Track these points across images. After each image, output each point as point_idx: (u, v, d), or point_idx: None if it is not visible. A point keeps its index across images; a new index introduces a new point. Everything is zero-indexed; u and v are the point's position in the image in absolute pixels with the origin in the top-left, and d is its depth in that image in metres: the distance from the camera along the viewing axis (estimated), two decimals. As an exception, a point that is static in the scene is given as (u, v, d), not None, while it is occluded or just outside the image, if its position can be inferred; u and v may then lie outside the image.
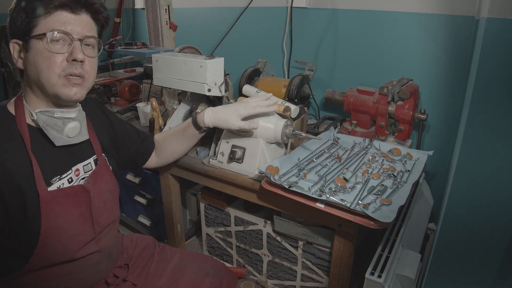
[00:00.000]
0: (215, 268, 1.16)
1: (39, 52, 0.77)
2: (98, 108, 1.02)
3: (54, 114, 0.82)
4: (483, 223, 1.23)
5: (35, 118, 0.80)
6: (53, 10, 0.77)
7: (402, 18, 1.49)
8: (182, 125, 1.17)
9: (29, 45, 0.78)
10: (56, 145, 0.82)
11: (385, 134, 1.43)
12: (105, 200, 0.92)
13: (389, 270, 0.98)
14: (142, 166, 1.19)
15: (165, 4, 1.93)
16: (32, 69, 0.79)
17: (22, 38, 0.78)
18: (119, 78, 2.11)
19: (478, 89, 1.11)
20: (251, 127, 1.07)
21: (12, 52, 0.80)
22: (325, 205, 0.93)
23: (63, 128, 0.83)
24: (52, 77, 0.78)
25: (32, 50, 0.78)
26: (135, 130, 1.15)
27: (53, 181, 0.82)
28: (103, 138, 0.99)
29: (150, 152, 1.18)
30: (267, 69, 1.79)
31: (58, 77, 0.79)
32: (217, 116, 1.09)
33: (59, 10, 0.77)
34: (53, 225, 0.79)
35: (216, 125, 1.11)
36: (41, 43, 0.77)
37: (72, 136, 0.85)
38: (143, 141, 1.16)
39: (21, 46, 0.79)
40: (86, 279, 0.93)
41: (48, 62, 0.77)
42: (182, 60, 1.21)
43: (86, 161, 0.91)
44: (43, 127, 0.81)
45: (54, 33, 0.77)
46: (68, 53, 0.79)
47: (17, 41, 0.79)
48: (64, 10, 0.78)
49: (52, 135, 0.82)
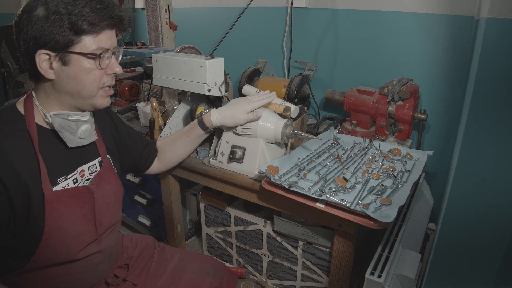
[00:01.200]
0: (215, 268, 1.17)
1: (83, 68, 0.78)
2: (103, 110, 1.03)
3: (68, 117, 0.83)
4: (483, 223, 1.23)
5: (50, 120, 0.81)
6: (104, 29, 0.78)
7: (402, 18, 1.49)
8: (185, 127, 1.19)
9: (68, 58, 0.77)
10: (69, 146, 0.84)
11: (385, 134, 1.43)
12: (109, 202, 0.93)
13: (389, 270, 0.98)
14: (144, 171, 1.19)
15: (165, 4, 1.93)
16: (72, 82, 0.79)
17: (57, 51, 0.76)
18: (119, 78, 2.11)
19: (478, 89, 1.11)
20: (257, 116, 1.10)
21: (38, 62, 0.76)
22: (325, 205, 0.93)
23: (76, 130, 0.85)
24: (94, 90, 0.82)
25: (73, 64, 0.77)
26: (138, 135, 1.16)
27: (59, 181, 0.83)
28: (108, 140, 1.00)
29: (153, 159, 1.18)
30: (267, 69, 1.79)
31: (98, 90, 0.83)
32: (223, 115, 1.12)
33: (108, 29, 0.79)
34: (56, 225, 0.80)
35: (222, 123, 1.12)
36: (86, 59, 0.78)
37: (84, 137, 0.87)
38: (146, 146, 1.16)
39: (53, 57, 0.76)
40: (86, 279, 0.93)
41: (92, 77, 0.80)
42: (182, 60, 1.21)
43: (91, 163, 0.92)
44: (58, 130, 0.82)
45: (103, 52, 0.79)
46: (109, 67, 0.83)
47: (48, 52, 0.76)
48: (111, 29, 0.80)
49: (66, 137, 0.83)
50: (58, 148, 0.84)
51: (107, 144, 0.99)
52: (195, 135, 1.17)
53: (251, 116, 1.09)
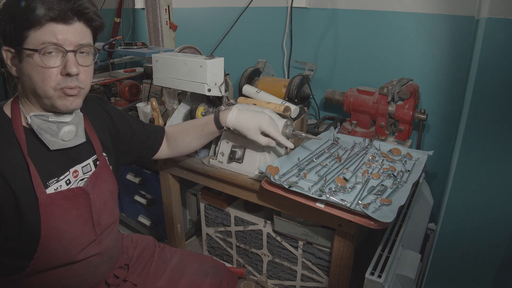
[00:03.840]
0: (215, 268, 1.16)
1: (32, 66, 0.74)
2: (98, 106, 1.01)
3: (48, 118, 0.80)
4: (483, 223, 1.23)
5: (29, 121, 0.79)
6: (44, 23, 0.73)
7: (402, 18, 1.49)
8: (202, 120, 1.13)
9: (22, 55, 0.75)
10: (51, 149, 0.81)
11: (385, 134, 1.43)
12: (106, 201, 0.92)
13: (389, 270, 0.98)
14: (150, 159, 1.16)
15: (165, 4, 1.93)
16: (27, 80, 0.77)
17: (13, 46, 0.75)
18: (119, 78, 2.11)
19: (478, 89, 1.11)
20: (269, 143, 1.05)
21: (5, 59, 0.76)
22: (325, 205, 0.93)
23: (58, 132, 0.82)
24: (47, 90, 0.76)
25: (25, 61, 0.75)
26: (141, 124, 1.12)
27: (50, 183, 0.81)
28: (103, 136, 0.98)
29: (157, 148, 1.15)
30: (267, 69, 1.79)
31: (54, 90, 0.77)
32: (240, 121, 1.05)
33: (50, 22, 0.73)
34: (53, 228, 0.79)
35: (236, 128, 1.06)
36: (34, 57, 0.74)
37: (67, 139, 0.83)
38: (150, 134, 1.13)
39: (14, 53, 0.76)
40: (86, 281, 0.93)
41: (42, 76, 0.75)
42: (182, 60, 1.21)
43: (84, 162, 0.90)
44: (37, 131, 0.79)
45: (46, 47, 0.73)
46: (62, 66, 0.76)
47: (9, 49, 0.76)
48: (56, 22, 0.74)
49: (46, 139, 0.80)
50: (47, 150, 0.82)
51: (102, 141, 0.96)
52: (209, 131, 1.11)
53: (263, 139, 1.04)
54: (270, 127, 1.03)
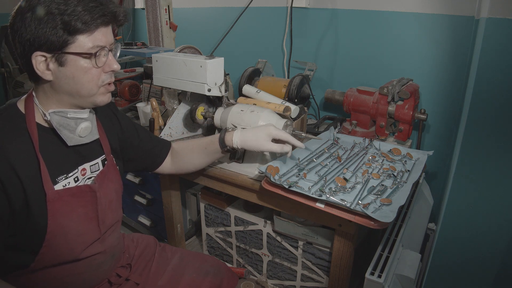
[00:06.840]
0: (215, 268, 1.17)
1: (80, 67, 0.77)
2: (109, 109, 1.02)
3: (67, 115, 0.83)
4: (483, 222, 1.23)
5: (49, 118, 0.81)
6: (95, 28, 0.76)
7: (402, 18, 1.49)
8: (207, 138, 1.12)
9: (64, 59, 0.76)
10: (68, 145, 0.83)
11: (385, 134, 1.43)
12: (111, 200, 0.93)
13: (389, 270, 0.98)
14: (153, 171, 1.16)
15: (165, 4, 1.93)
16: (70, 82, 0.79)
17: (53, 52, 0.75)
18: (119, 78, 2.11)
19: (478, 89, 1.11)
20: (283, 150, 1.03)
21: (35, 64, 0.76)
22: (325, 205, 0.93)
23: (75, 128, 0.84)
24: (93, 88, 0.81)
25: (70, 65, 0.77)
26: (148, 134, 1.13)
27: (59, 179, 0.83)
28: (112, 138, 1.00)
29: (162, 159, 1.15)
30: (267, 69, 1.79)
31: (98, 88, 0.82)
32: (245, 136, 1.04)
33: (101, 27, 0.77)
34: (59, 224, 0.80)
35: (244, 144, 1.04)
36: (82, 59, 0.77)
37: (84, 135, 0.86)
38: (155, 147, 1.13)
39: (50, 58, 0.76)
40: (89, 279, 0.94)
41: (90, 76, 0.79)
42: (182, 60, 1.21)
43: (93, 161, 0.92)
44: (56, 128, 0.81)
45: (99, 50, 0.78)
46: (106, 64, 0.81)
47: (44, 54, 0.75)
48: (104, 26, 0.78)
49: (65, 135, 0.83)
50: (58, 146, 0.84)
51: (111, 143, 0.98)
52: (212, 151, 1.10)
53: (277, 148, 1.01)
54: (279, 131, 1.02)
